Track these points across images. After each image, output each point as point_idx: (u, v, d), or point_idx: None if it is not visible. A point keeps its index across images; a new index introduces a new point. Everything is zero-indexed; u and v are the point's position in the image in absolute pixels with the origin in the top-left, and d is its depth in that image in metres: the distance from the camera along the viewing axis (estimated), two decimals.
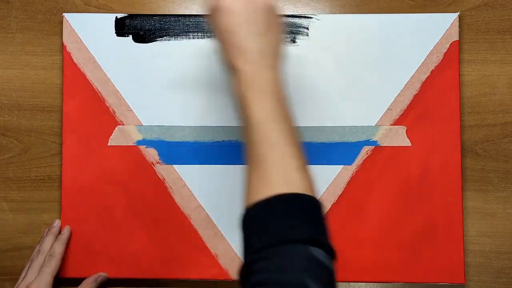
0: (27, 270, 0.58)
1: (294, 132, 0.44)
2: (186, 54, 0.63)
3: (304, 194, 0.41)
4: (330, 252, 0.39)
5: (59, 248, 0.59)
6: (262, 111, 0.43)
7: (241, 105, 0.44)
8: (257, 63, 0.44)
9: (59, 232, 0.62)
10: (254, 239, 0.39)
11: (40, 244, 0.61)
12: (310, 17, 0.63)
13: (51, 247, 0.60)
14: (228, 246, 0.62)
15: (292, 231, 0.39)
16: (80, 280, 0.61)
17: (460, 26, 0.63)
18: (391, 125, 0.62)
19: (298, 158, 0.42)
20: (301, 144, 0.44)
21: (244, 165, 0.44)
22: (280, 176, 0.41)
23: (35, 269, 0.58)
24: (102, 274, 0.61)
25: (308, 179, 0.42)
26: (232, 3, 0.45)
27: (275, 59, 0.46)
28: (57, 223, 0.62)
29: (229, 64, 0.45)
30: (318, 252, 0.38)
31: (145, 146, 0.62)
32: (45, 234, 0.61)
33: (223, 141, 0.62)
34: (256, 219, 0.40)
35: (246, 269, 0.39)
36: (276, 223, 0.39)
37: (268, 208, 0.40)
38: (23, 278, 0.57)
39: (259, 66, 0.44)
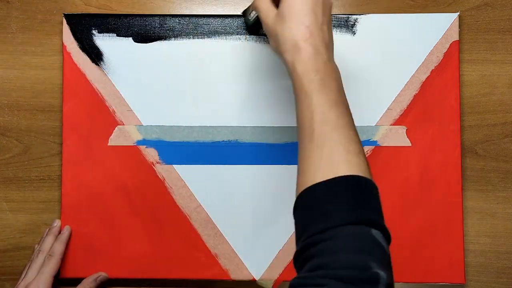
0: (27, 270, 0.58)
1: (352, 118, 0.45)
2: (186, 54, 0.63)
3: (365, 177, 0.41)
4: (388, 236, 0.40)
5: (59, 248, 0.59)
6: (327, 94, 0.44)
7: (302, 82, 0.44)
8: (323, 49, 0.45)
9: (59, 232, 0.62)
10: (312, 222, 0.40)
11: (40, 244, 0.61)
12: None
13: (51, 247, 0.60)
14: (228, 246, 0.62)
15: (352, 214, 0.39)
16: (80, 280, 0.61)
17: (460, 26, 0.63)
18: (391, 125, 0.62)
19: (357, 142, 0.43)
20: (356, 130, 0.45)
21: (299, 144, 0.44)
22: (343, 158, 0.41)
23: (35, 269, 0.58)
24: (102, 274, 0.61)
25: (367, 164, 0.43)
26: None
27: (332, 51, 0.48)
28: (57, 223, 0.62)
29: (294, 42, 0.45)
30: (378, 235, 0.38)
31: (145, 146, 0.62)
32: (45, 234, 0.61)
33: (223, 141, 0.62)
34: (319, 200, 0.40)
35: (304, 251, 0.39)
36: (339, 204, 0.39)
37: (330, 189, 0.40)
38: (23, 278, 0.57)
39: (325, 52, 0.46)
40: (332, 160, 0.41)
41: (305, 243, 0.39)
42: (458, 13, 0.63)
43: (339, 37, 0.63)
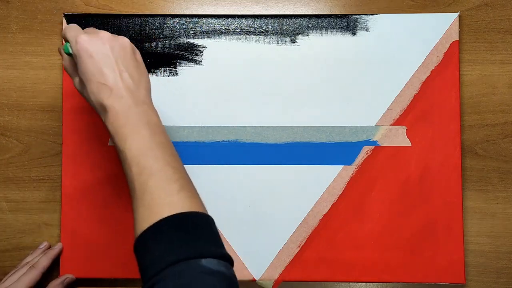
0: (7, 277, 0.58)
1: (173, 157, 0.46)
2: (186, 54, 0.63)
3: (188, 212, 0.42)
4: (224, 259, 0.41)
5: (43, 261, 0.59)
6: (138, 143, 0.44)
7: (117, 141, 0.45)
8: (127, 99, 0.45)
9: (49, 248, 0.62)
10: (147, 267, 0.40)
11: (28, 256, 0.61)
12: (310, 17, 0.63)
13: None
14: (228, 246, 0.62)
15: (180, 250, 0.40)
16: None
17: (460, 26, 0.63)
18: (391, 125, 0.62)
19: (177, 180, 0.44)
20: (180, 167, 0.46)
21: None
22: (163, 201, 0.42)
23: (15, 277, 0.58)
24: (69, 276, 0.61)
25: (191, 198, 0.44)
26: (92, 45, 0.46)
27: (145, 89, 0.48)
28: (44, 244, 0.62)
29: (99, 104, 0.46)
30: (209, 262, 0.39)
31: None
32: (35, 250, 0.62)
33: (223, 141, 0.62)
34: (146, 246, 0.41)
35: None
36: (164, 246, 0.40)
37: (156, 233, 0.41)
38: (1, 284, 0.57)
39: (130, 102, 0.46)
40: (153, 207, 0.42)
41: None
42: (458, 13, 0.63)
43: (339, 37, 0.63)
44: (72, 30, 0.48)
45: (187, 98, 0.63)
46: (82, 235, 0.62)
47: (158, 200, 0.42)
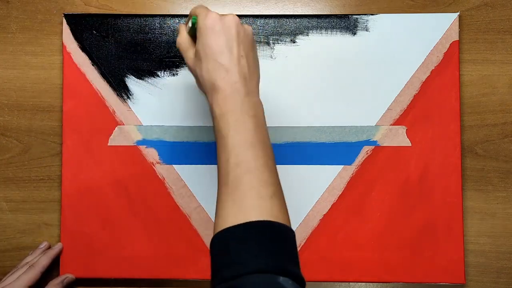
0: (7, 276, 0.58)
1: (271, 157, 0.44)
2: None
3: (276, 222, 0.40)
4: (299, 281, 0.39)
5: (43, 261, 0.59)
6: (242, 135, 0.43)
7: (221, 125, 0.44)
8: (240, 86, 0.44)
9: (49, 248, 0.62)
10: (223, 267, 0.39)
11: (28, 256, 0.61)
12: (310, 17, 0.63)
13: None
14: None
15: (261, 261, 0.38)
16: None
17: (460, 26, 0.63)
18: (391, 125, 0.62)
19: (272, 184, 0.42)
20: (275, 170, 0.44)
21: (217, 186, 0.43)
22: (254, 203, 0.41)
23: (14, 276, 0.58)
24: (69, 276, 0.61)
25: (281, 207, 0.42)
26: (220, 24, 0.45)
27: (256, 82, 0.47)
28: (44, 244, 0.62)
29: (211, 83, 0.45)
30: (286, 282, 0.38)
31: (145, 146, 0.62)
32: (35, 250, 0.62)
33: None
34: (227, 246, 0.40)
35: None
36: (245, 251, 0.39)
37: (239, 235, 0.40)
38: (0, 283, 0.57)
39: (242, 89, 0.45)
40: (243, 205, 0.41)
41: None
42: (458, 13, 0.63)
43: (339, 37, 0.63)
44: (203, 7, 0.47)
45: (187, 98, 0.63)
46: (82, 235, 0.62)
47: (250, 201, 0.41)
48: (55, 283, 0.59)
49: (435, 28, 0.62)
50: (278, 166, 0.62)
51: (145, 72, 0.63)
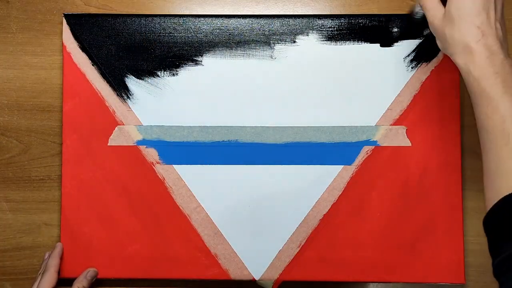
0: None
1: None
2: (186, 54, 0.63)
3: None
4: None
5: (52, 262, 0.59)
6: (508, 106, 0.43)
7: (481, 86, 0.44)
8: (498, 50, 0.44)
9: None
10: (498, 244, 0.39)
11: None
12: (310, 17, 0.63)
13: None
14: (228, 246, 0.62)
15: None
16: None
17: None
18: (391, 125, 0.62)
19: None
20: None
21: (487, 148, 0.44)
22: None
23: (35, 286, 0.58)
24: (90, 270, 0.60)
25: None
26: None
27: (507, 46, 0.46)
28: (47, 254, 0.62)
29: (465, 44, 0.45)
30: None
31: (145, 146, 0.62)
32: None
33: (223, 141, 0.62)
34: (497, 221, 0.39)
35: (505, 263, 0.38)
36: None
37: (506, 208, 0.39)
38: None
39: (501, 54, 0.44)
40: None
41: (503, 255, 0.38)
42: None
43: (340, 37, 0.63)
44: None
45: (187, 98, 0.63)
46: (82, 235, 0.62)
47: None
48: (79, 280, 0.59)
49: None
50: (278, 166, 0.62)
51: (145, 72, 0.63)
